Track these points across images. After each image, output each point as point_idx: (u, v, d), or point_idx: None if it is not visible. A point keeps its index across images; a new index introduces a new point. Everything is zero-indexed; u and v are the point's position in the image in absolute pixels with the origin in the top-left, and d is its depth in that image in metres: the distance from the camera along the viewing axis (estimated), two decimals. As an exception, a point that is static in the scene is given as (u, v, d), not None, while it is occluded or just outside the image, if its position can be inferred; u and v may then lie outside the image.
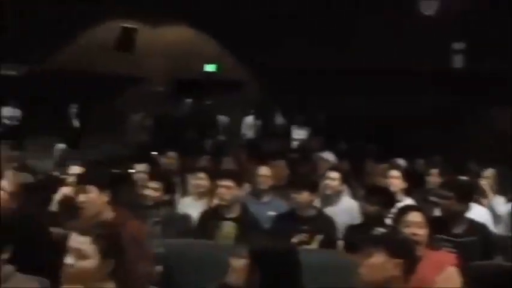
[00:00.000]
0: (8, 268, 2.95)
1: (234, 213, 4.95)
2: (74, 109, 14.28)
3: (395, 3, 15.45)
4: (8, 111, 15.61)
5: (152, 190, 5.08)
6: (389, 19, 15.70)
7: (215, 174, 5.64)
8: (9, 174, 4.38)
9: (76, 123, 14.32)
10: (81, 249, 2.69)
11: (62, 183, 5.89)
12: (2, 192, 4.11)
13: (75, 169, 5.57)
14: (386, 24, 15.81)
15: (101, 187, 3.94)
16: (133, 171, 6.77)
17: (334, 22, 16.09)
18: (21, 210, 4.09)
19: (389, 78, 15.34)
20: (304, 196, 5.03)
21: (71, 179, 5.49)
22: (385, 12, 15.72)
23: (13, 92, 16.47)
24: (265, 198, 5.98)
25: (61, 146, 9.82)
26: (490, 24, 14.50)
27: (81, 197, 3.98)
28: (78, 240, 2.71)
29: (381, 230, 4.42)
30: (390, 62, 15.40)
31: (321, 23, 16.27)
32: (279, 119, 17.68)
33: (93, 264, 2.71)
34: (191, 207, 5.84)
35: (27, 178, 5.49)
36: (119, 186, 4.21)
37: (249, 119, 17.06)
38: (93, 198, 3.93)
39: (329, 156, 9.32)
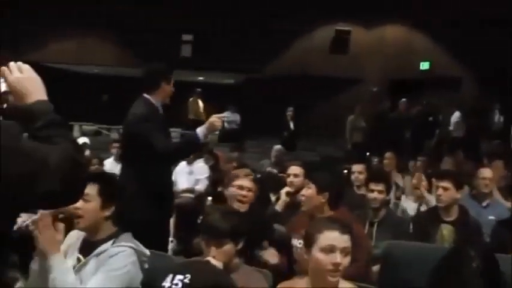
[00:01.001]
0: (237, 260, 3.16)
1: (453, 216, 4.84)
2: (290, 112, 14.74)
3: None
4: (228, 116, 16.47)
5: (377, 192, 5.05)
6: None
7: (433, 175, 5.55)
8: (245, 171, 4.59)
9: (292, 125, 14.76)
10: (347, 247, 2.73)
11: (281, 182, 6.14)
12: (246, 189, 4.32)
13: (294, 169, 5.79)
14: None
15: (320, 186, 4.08)
16: (346, 171, 6.87)
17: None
18: (252, 206, 4.33)
19: None
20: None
21: (290, 179, 5.72)
22: None
23: (233, 99, 17.43)
24: (486, 202, 5.79)
25: (278, 147, 10.17)
26: None
27: (302, 191, 4.17)
28: (343, 239, 2.73)
29: None
30: None
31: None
32: (497, 118, 16.80)
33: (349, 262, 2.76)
34: (408, 208, 5.82)
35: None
36: (337, 187, 4.29)
37: (466, 118, 16.40)
38: (313, 194, 4.08)
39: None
